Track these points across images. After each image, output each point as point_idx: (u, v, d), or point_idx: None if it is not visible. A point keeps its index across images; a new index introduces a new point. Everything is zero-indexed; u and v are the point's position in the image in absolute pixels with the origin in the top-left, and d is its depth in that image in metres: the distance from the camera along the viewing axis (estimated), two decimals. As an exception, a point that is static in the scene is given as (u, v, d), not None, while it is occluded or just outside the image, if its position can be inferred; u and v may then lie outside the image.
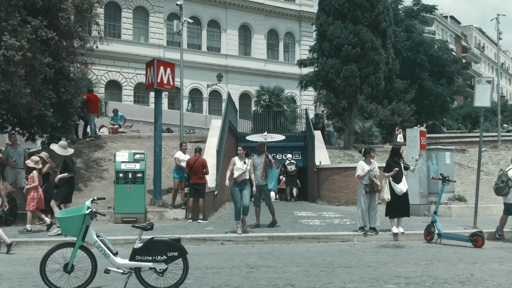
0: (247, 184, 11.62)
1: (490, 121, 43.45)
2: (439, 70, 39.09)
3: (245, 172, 11.53)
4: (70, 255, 6.79)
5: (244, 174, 11.51)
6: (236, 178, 11.46)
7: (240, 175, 11.46)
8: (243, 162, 11.59)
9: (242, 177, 11.48)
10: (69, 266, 6.76)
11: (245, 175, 11.52)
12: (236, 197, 11.50)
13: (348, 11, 23.13)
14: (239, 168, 11.53)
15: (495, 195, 12.75)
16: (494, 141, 26.74)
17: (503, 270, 8.42)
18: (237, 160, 11.64)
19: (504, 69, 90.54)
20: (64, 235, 6.94)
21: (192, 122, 32.41)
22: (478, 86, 12.63)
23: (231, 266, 8.72)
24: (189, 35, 44.25)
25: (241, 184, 11.56)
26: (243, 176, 11.49)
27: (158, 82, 14.75)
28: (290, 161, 24.12)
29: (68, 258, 6.79)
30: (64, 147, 12.33)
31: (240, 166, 11.54)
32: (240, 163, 11.57)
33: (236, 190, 11.54)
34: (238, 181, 11.50)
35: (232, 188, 11.60)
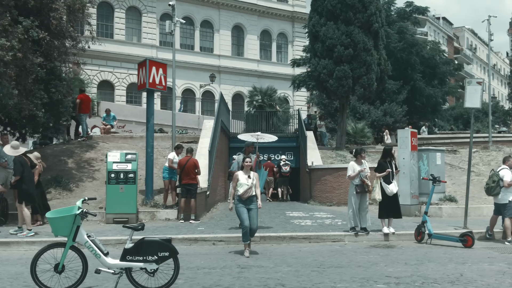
0: (254, 202, 9.87)
1: (481, 122, 43.66)
2: (431, 71, 39.27)
3: (250, 188, 9.78)
4: (61, 255, 6.79)
5: (250, 190, 9.77)
6: (241, 196, 9.72)
7: (246, 192, 9.73)
8: (247, 176, 9.87)
9: (248, 194, 9.75)
10: (60, 266, 6.76)
11: (251, 191, 9.78)
12: (243, 214, 9.73)
13: (340, 12, 23.19)
14: (244, 183, 9.77)
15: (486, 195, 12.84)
16: (485, 142, 26.90)
17: (493, 270, 8.48)
18: (240, 175, 9.91)
19: (496, 70, 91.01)
20: (55, 235, 6.93)
21: (184, 122, 32.40)
22: (468, 87, 12.72)
23: (222, 266, 8.74)
24: (182, 35, 44.23)
25: (247, 201, 9.79)
26: (249, 193, 9.76)
27: (150, 82, 14.74)
28: (285, 162, 24.18)
29: (58, 259, 6.79)
30: (16, 147, 11.90)
31: (245, 181, 9.80)
32: (245, 178, 9.85)
33: (241, 207, 9.78)
34: (244, 198, 9.73)
35: (237, 205, 9.81)
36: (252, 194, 9.82)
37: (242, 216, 9.76)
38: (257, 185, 9.93)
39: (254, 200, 9.86)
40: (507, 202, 11.50)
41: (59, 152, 18.62)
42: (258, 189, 9.99)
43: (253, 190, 9.80)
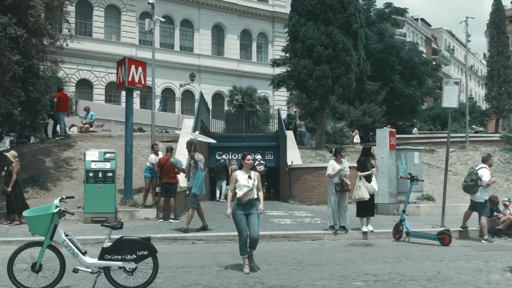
0: (255, 206, 8.50)
1: (458, 122, 44.22)
2: (409, 72, 39.64)
3: (251, 190, 8.43)
4: (38, 254, 6.72)
5: (251, 192, 8.42)
6: (240, 199, 8.39)
7: (246, 194, 8.38)
8: (247, 176, 8.54)
9: (248, 197, 8.39)
10: (37, 266, 6.69)
11: (252, 194, 8.43)
12: (241, 224, 8.38)
13: (320, 12, 23.30)
14: (244, 185, 8.43)
15: (463, 194, 13.03)
16: (462, 141, 27.25)
17: (470, 267, 8.60)
18: (239, 175, 8.56)
19: (473, 72, 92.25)
20: (32, 234, 6.85)
21: (164, 121, 32.24)
22: (446, 87, 12.87)
23: (202, 265, 8.73)
24: (161, 34, 44.03)
25: (247, 206, 8.44)
26: (249, 195, 8.40)
27: (129, 81, 14.65)
28: (259, 162, 24.23)
29: (36, 258, 6.72)
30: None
31: (245, 182, 8.46)
32: (244, 178, 8.51)
33: (240, 214, 8.39)
34: (243, 202, 8.39)
35: (234, 211, 8.43)
36: (254, 197, 8.44)
37: (240, 226, 8.39)
38: (259, 186, 8.62)
39: (255, 204, 8.50)
40: (483, 201, 11.69)
41: (36, 151, 18.41)
42: (260, 191, 8.67)
43: (254, 193, 8.47)
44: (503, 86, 50.99)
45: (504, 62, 51.30)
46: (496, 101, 51.30)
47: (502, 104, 50.89)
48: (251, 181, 8.50)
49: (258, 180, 8.61)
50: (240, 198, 8.39)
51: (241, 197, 8.38)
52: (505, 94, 51.05)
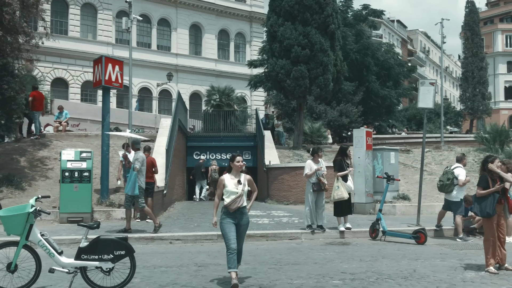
0: (245, 214, 7.48)
1: (433, 123, 44.78)
2: (385, 73, 40.03)
3: (240, 197, 7.38)
4: (14, 254, 6.63)
5: (240, 199, 7.37)
6: (228, 207, 7.35)
7: (234, 202, 7.33)
8: (237, 181, 7.48)
9: (236, 204, 7.34)
10: (12, 266, 6.61)
11: (241, 201, 7.38)
12: (229, 233, 7.28)
13: (298, 13, 23.38)
14: (232, 191, 7.38)
15: (438, 193, 13.20)
16: (437, 142, 27.63)
17: (445, 266, 8.73)
18: (227, 180, 7.49)
19: (448, 73, 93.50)
20: (7, 234, 6.76)
21: (141, 121, 32.02)
22: (421, 88, 13.04)
23: (179, 265, 8.70)
24: (138, 33, 43.72)
25: (237, 214, 7.38)
26: (238, 203, 7.35)
27: (106, 79, 14.52)
28: None
29: (11, 258, 6.63)
30: None
31: (233, 188, 7.40)
32: (233, 183, 7.45)
33: (228, 222, 7.34)
34: (232, 210, 7.34)
35: (222, 220, 7.39)
36: (243, 205, 7.41)
37: (228, 235, 7.28)
38: (252, 189, 7.73)
39: (246, 213, 7.49)
40: (459, 200, 11.87)
41: (11, 151, 18.14)
42: (255, 193, 7.91)
43: (244, 200, 7.43)
44: (477, 87, 51.79)
45: (478, 63, 52.10)
46: (471, 102, 52.09)
47: (476, 105, 51.70)
48: (241, 186, 7.40)
49: (251, 184, 7.66)
50: (228, 206, 7.34)
51: (229, 205, 7.33)
52: (479, 95, 51.86)
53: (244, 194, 7.47)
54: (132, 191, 11.70)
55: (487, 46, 66.46)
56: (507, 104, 72.10)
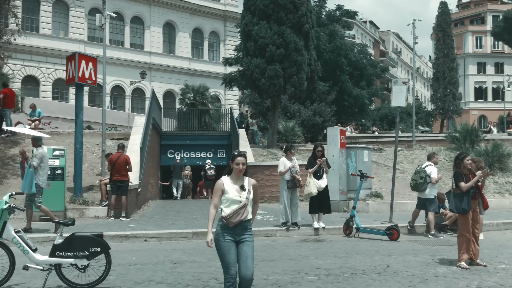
0: (249, 230, 5.72)
1: (405, 123, 45.40)
2: (358, 73, 40.43)
3: (244, 207, 5.60)
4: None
5: (244, 210, 5.58)
6: (228, 220, 5.56)
7: (236, 213, 5.55)
8: (239, 186, 5.69)
9: (239, 217, 5.56)
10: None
11: (245, 213, 5.59)
12: (228, 255, 5.56)
13: (272, 12, 23.45)
14: (233, 199, 5.60)
15: (411, 190, 13.39)
16: (409, 141, 28.00)
17: (417, 261, 8.88)
18: (227, 184, 5.70)
19: (419, 74, 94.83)
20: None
21: (114, 119, 31.75)
22: (394, 86, 13.23)
23: (154, 262, 8.68)
24: (111, 31, 43.27)
25: (238, 230, 5.62)
26: (241, 215, 5.57)
27: (80, 76, 14.37)
28: (210, 166, 24.32)
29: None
30: None
31: (235, 195, 5.62)
32: (234, 189, 5.67)
33: (227, 241, 5.58)
34: (232, 224, 5.56)
35: (218, 237, 5.62)
36: (247, 218, 5.62)
37: (227, 258, 5.54)
38: (255, 199, 5.79)
39: (249, 228, 5.72)
40: (432, 197, 12.07)
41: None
42: (256, 204, 5.88)
43: (248, 211, 5.63)
44: (448, 87, 52.60)
45: (449, 64, 52.92)
46: (441, 102, 52.89)
47: (447, 105, 52.52)
48: (245, 193, 5.62)
49: (255, 192, 5.78)
50: (227, 219, 5.52)
51: (229, 217, 5.52)
52: (450, 96, 52.69)
53: (249, 203, 5.61)
54: (29, 189, 11.24)
55: (457, 47, 67.63)
56: (477, 105, 73.52)
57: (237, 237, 5.63)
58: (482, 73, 75.45)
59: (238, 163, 5.70)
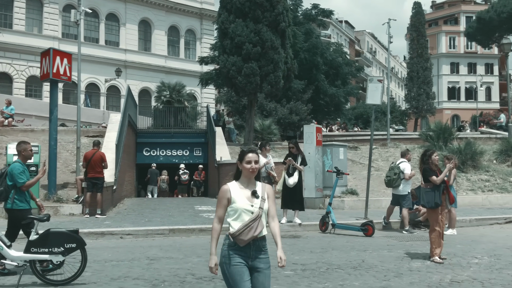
0: (264, 252, 4.34)
1: (380, 121, 45.86)
2: (334, 72, 40.69)
3: (257, 219, 4.25)
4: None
5: (257, 223, 4.24)
6: (238, 237, 4.21)
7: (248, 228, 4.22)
8: (251, 192, 4.36)
9: (252, 233, 4.23)
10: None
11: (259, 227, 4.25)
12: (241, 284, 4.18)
13: (249, 10, 23.46)
14: (243, 209, 4.30)
15: (385, 188, 13.55)
16: (384, 139, 28.32)
17: (392, 256, 9.01)
18: (234, 190, 4.39)
19: (394, 73, 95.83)
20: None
21: (89, 117, 31.40)
22: (370, 84, 13.38)
23: (131, 259, 8.64)
24: (86, 28, 42.75)
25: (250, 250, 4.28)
26: (254, 230, 4.23)
27: (54, 72, 14.19)
28: (184, 171, 24.29)
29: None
30: None
31: (245, 204, 4.31)
32: (244, 196, 4.35)
33: (238, 265, 4.24)
34: (244, 242, 4.23)
35: (226, 260, 4.27)
36: (261, 234, 4.28)
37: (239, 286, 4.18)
38: (271, 210, 4.40)
39: (265, 249, 4.33)
40: (406, 193, 12.23)
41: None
42: (274, 218, 4.41)
43: (263, 225, 4.28)
44: (422, 87, 53.22)
45: (423, 64, 53.55)
46: (415, 102, 53.49)
47: (421, 104, 53.13)
48: (258, 202, 4.30)
49: (271, 199, 4.40)
50: (236, 236, 4.17)
51: (239, 235, 4.16)
52: (424, 95, 53.31)
53: (264, 215, 4.29)
54: None
55: (431, 47, 68.50)
56: (450, 104, 74.58)
57: (250, 261, 4.19)
58: (455, 73, 76.55)
59: (250, 161, 4.31)
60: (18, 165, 7.57)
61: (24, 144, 7.91)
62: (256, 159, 4.34)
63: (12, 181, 7.44)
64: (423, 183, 9.10)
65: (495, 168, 20.75)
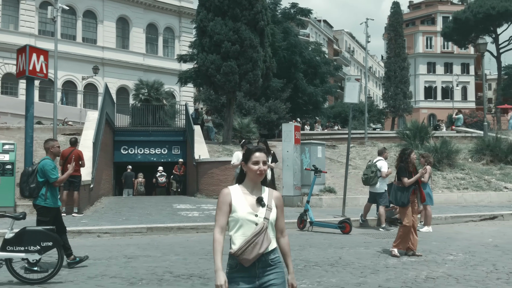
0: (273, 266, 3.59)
1: (358, 120, 46.22)
2: (312, 70, 40.90)
3: (263, 232, 3.50)
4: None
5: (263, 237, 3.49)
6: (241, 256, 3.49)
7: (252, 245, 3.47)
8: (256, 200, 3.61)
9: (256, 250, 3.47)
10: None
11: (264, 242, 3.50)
12: None
13: (228, 8, 23.46)
14: (246, 219, 3.56)
15: (362, 186, 13.67)
16: (361, 138, 28.56)
17: (368, 253, 9.11)
18: (236, 196, 3.63)
19: (372, 73, 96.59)
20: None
21: (65, 115, 31.05)
22: (348, 83, 13.49)
23: (108, 257, 8.60)
24: (63, 25, 42.26)
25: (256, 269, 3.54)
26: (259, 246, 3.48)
27: (30, 69, 14.00)
28: (161, 173, 24.23)
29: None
30: None
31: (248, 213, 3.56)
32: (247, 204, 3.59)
33: None
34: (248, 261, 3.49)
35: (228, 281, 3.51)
36: (268, 250, 3.57)
37: None
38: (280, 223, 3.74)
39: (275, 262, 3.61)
40: (383, 191, 12.36)
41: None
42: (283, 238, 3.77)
43: (270, 238, 3.59)
44: (399, 86, 53.74)
45: (400, 63, 54.08)
46: (393, 101, 53.99)
47: (398, 104, 53.65)
48: (263, 211, 3.60)
49: (279, 207, 3.71)
50: (239, 256, 3.51)
51: (242, 253, 3.49)
52: (401, 94, 53.85)
53: (271, 227, 3.61)
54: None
55: (408, 47, 69.19)
56: (426, 104, 75.48)
57: (257, 281, 3.54)
58: (432, 72, 77.48)
59: (257, 161, 3.61)
60: (49, 162, 7.82)
61: (51, 141, 8.18)
62: (264, 159, 3.64)
63: (44, 177, 7.67)
64: (396, 180, 9.25)
65: (470, 166, 21.07)
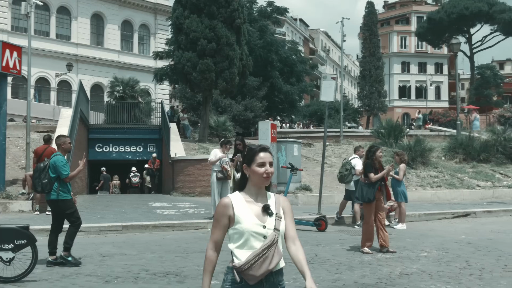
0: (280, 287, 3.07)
1: (333, 119, 46.51)
2: (288, 69, 41.08)
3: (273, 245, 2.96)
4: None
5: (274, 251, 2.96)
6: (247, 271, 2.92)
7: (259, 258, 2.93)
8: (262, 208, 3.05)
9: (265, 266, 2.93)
10: None
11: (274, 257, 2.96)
12: None
13: (204, 6, 23.41)
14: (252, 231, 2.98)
15: (338, 184, 13.76)
16: (337, 136, 28.77)
17: (344, 250, 9.19)
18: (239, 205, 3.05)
19: (347, 72, 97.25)
20: None
21: (38, 112, 30.65)
22: (324, 82, 13.56)
23: (83, 255, 8.50)
24: (36, 21, 41.59)
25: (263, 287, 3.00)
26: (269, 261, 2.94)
27: (3, 66, 13.80)
28: (135, 174, 24.08)
29: None
30: None
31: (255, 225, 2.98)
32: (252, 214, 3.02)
33: None
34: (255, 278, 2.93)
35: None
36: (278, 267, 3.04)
37: None
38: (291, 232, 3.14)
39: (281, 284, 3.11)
40: (358, 189, 12.47)
41: None
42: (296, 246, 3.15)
43: (279, 252, 3.01)
44: (374, 85, 54.32)
45: (375, 62, 54.65)
46: (368, 100, 54.55)
47: (373, 103, 54.23)
48: (272, 220, 3.05)
49: (288, 215, 3.16)
50: (244, 271, 2.95)
51: (248, 268, 2.94)
52: (376, 93, 54.45)
53: (281, 238, 3.08)
54: None
55: (383, 46, 69.86)
56: (401, 103, 76.33)
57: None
58: (406, 72, 78.38)
59: (263, 163, 3.09)
60: (61, 158, 7.98)
61: (63, 137, 8.35)
62: (271, 160, 3.12)
63: (55, 173, 7.81)
64: (362, 177, 9.35)
65: (443, 164, 21.38)
